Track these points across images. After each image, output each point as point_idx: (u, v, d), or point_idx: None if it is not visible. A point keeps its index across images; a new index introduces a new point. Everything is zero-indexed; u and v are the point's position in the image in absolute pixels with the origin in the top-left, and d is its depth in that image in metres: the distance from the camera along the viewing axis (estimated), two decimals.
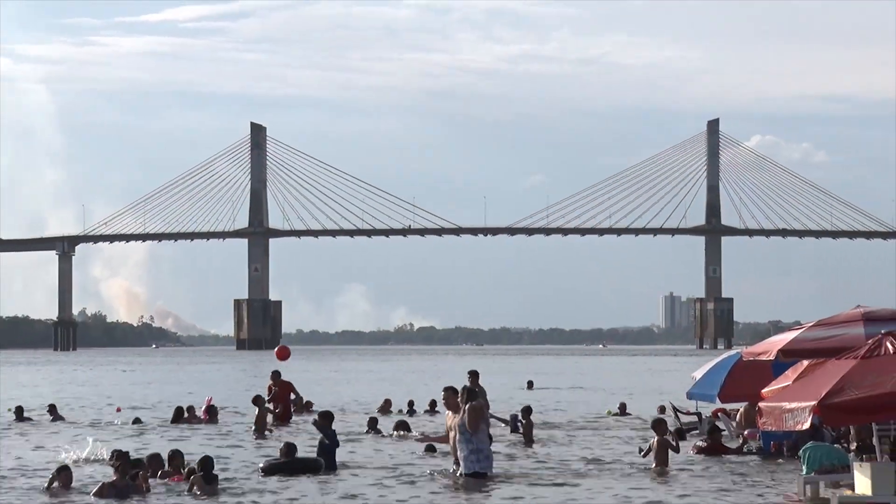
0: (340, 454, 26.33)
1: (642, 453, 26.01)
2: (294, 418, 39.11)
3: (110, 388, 69.27)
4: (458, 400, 23.59)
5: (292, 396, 39.87)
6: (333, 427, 25.77)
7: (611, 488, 23.12)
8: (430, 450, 27.61)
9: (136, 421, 38.78)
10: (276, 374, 40.07)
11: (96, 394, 60.84)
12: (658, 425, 25.57)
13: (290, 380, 41.04)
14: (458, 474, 23.20)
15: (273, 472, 24.32)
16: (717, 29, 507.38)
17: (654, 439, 25.43)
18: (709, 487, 22.75)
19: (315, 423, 27.09)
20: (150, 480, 21.70)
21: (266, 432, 34.64)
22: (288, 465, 24.65)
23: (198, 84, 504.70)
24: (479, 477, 22.80)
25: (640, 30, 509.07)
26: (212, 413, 39.51)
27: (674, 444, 25.31)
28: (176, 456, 23.47)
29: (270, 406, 37.57)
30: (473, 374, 34.55)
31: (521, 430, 33.67)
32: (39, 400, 50.45)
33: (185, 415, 39.23)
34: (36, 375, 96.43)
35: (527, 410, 33.85)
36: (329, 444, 25.37)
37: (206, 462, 22.22)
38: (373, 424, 34.91)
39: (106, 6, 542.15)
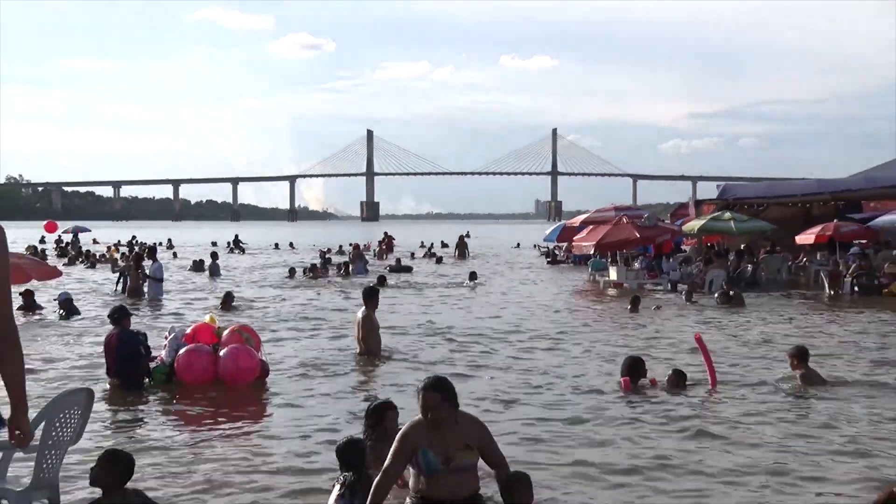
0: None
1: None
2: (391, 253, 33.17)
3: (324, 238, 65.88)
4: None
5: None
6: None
7: (505, 275, 23.00)
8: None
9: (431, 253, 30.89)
10: (385, 234, 36.48)
11: (319, 241, 57.14)
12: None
13: (391, 235, 36.13)
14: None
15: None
16: (544, 88, 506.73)
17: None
18: (547, 278, 22.82)
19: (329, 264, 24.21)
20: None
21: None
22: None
23: (346, 112, 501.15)
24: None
25: (527, 91, 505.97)
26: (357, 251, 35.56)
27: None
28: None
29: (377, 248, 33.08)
30: (354, 246, 29.78)
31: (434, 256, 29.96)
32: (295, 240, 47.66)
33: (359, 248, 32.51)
34: (286, 231, 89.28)
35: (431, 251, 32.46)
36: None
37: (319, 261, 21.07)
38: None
39: (313, 79, 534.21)
